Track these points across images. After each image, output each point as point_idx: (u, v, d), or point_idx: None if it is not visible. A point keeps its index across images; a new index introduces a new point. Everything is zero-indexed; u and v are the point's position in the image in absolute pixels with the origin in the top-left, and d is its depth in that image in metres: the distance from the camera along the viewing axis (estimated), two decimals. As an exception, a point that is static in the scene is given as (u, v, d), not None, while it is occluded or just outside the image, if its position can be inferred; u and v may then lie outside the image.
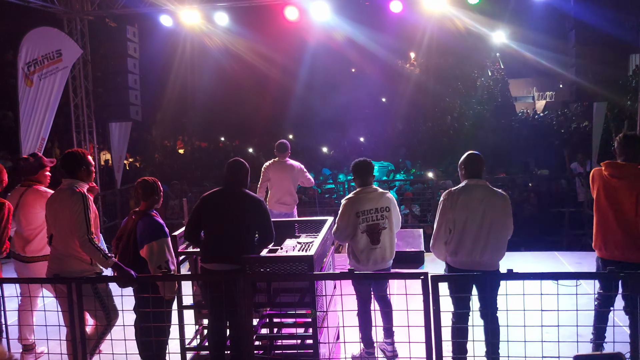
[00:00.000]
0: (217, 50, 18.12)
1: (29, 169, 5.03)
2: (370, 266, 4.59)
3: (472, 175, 4.29)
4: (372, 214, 4.57)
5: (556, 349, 3.52)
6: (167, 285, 4.16)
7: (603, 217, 4.37)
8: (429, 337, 3.48)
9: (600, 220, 4.40)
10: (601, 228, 4.39)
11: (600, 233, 4.39)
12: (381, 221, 4.59)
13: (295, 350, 4.49)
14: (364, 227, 4.55)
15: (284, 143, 7.51)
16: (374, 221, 4.57)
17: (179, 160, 22.12)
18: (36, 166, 5.03)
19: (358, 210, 4.55)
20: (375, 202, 4.60)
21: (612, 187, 4.29)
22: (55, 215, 4.23)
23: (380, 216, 4.59)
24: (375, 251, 4.58)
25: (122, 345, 4.02)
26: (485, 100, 25.92)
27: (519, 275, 3.50)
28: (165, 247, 4.20)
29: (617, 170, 4.30)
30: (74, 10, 10.60)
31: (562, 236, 10.08)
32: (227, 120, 24.67)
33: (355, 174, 4.73)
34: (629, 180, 4.21)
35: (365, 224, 4.55)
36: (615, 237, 4.27)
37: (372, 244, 4.56)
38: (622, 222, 4.23)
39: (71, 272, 4.13)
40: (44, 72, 9.11)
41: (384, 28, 18.81)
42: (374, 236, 4.56)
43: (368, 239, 4.56)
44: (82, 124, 11.04)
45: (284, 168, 7.41)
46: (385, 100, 26.93)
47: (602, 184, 4.38)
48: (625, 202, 4.21)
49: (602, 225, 4.38)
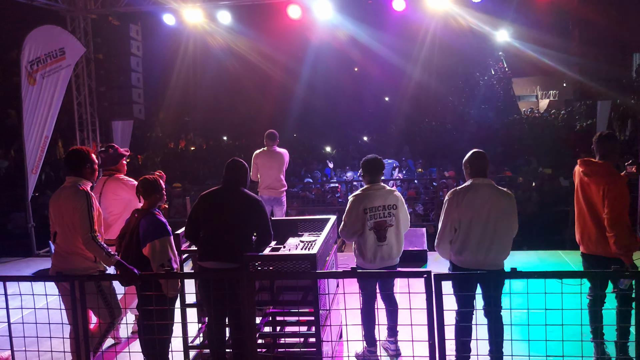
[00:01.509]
0: (220, 48, 18.12)
1: (109, 159, 5.42)
2: (377, 263, 4.59)
3: (477, 174, 4.26)
4: (379, 211, 4.57)
5: (560, 348, 3.51)
6: (169, 284, 4.16)
7: (580, 213, 4.49)
8: (432, 335, 3.47)
9: (578, 215, 4.53)
10: (579, 223, 4.52)
11: (579, 228, 4.51)
12: (388, 218, 4.60)
13: (298, 349, 4.48)
14: (371, 223, 4.55)
15: (272, 132, 8.02)
16: (381, 218, 4.58)
17: (182, 159, 22.14)
18: (115, 156, 5.44)
19: (366, 207, 4.55)
20: (383, 200, 4.60)
21: (586, 183, 4.40)
22: (58, 213, 4.23)
23: (388, 213, 4.60)
24: (382, 248, 4.59)
25: (124, 344, 4.02)
26: (488, 99, 25.88)
27: (523, 274, 3.49)
28: (168, 245, 4.19)
29: (588, 168, 4.41)
30: (77, 9, 10.61)
31: (566, 235, 10.04)
32: (229, 119, 24.69)
33: (365, 170, 4.72)
34: (597, 177, 4.31)
35: (373, 220, 4.55)
36: (590, 231, 4.38)
37: (378, 241, 4.56)
38: (594, 217, 4.33)
39: (75, 270, 4.13)
40: (47, 71, 9.12)
41: (387, 26, 18.79)
42: (380, 233, 4.56)
43: (375, 236, 4.56)
44: (85, 122, 11.05)
45: (272, 156, 7.94)
46: (388, 99, 26.92)
47: (578, 181, 4.51)
48: (594, 197, 4.32)
49: (579, 220, 4.51)
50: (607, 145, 4.41)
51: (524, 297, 3.45)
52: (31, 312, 5.19)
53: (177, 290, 4.29)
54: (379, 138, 22.75)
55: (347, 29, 16.71)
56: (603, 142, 4.44)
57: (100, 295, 4.20)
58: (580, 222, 4.49)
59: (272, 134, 8.00)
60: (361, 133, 23.43)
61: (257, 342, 4.09)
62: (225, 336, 4.39)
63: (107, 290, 4.29)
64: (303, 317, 4.54)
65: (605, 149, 4.41)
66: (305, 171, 16.38)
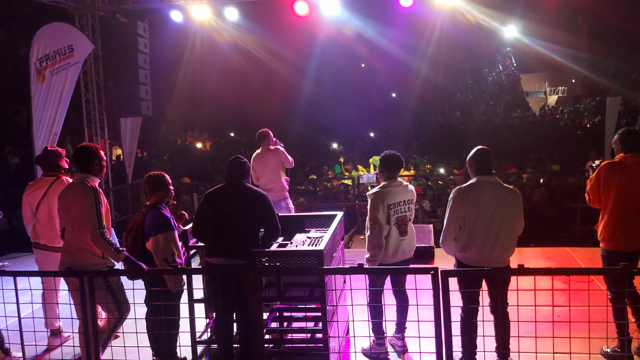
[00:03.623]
0: (227, 45, 18.15)
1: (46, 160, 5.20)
2: (399, 256, 4.63)
3: (482, 172, 4.25)
4: (401, 206, 4.60)
5: (567, 345, 3.50)
6: (174, 279, 4.20)
7: (621, 209, 4.36)
8: (439, 331, 3.48)
9: (618, 212, 4.38)
10: (618, 220, 4.38)
11: (619, 225, 4.38)
12: (408, 213, 4.65)
13: (306, 344, 4.50)
14: (394, 219, 4.57)
15: (260, 132, 7.72)
16: (403, 213, 4.61)
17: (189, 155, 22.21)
18: (52, 158, 5.19)
19: (390, 203, 4.56)
20: (403, 195, 4.64)
21: (632, 177, 4.34)
22: (67, 209, 4.26)
23: (407, 208, 4.65)
24: (403, 242, 4.64)
25: (133, 338, 4.05)
26: (496, 95, 25.76)
27: (530, 270, 3.48)
28: (171, 240, 4.23)
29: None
30: (85, 6, 10.66)
31: (574, 232, 10.00)
32: (236, 116, 24.71)
33: (384, 167, 4.72)
34: None
35: (396, 216, 4.57)
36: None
37: (400, 235, 4.60)
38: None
39: (83, 266, 4.17)
40: (55, 68, 9.16)
41: (394, 22, 18.73)
42: (402, 228, 4.60)
43: (397, 231, 4.58)
44: (93, 119, 11.12)
45: (263, 158, 7.64)
46: (395, 95, 26.85)
47: (619, 176, 4.39)
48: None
49: (619, 216, 4.37)
50: (630, 138, 4.46)
51: (531, 294, 3.44)
52: (41, 307, 5.27)
53: (182, 286, 4.32)
54: (386, 134, 22.69)
55: (354, 25, 16.72)
56: (631, 136, 4.47)
57: (108, 290, 4.24)
58: (620, 218, 4.38)
59: (259, 134, 7.71)
60: (368, 129, 23.39)
61: (265, 337, 4.11)
62: (233, 332, 4.42)
63: (115, 286, 4.32)
64: (310, 313, 4.56)
65: (632, 144, 4.43)
66: (310, 167, 16.34)
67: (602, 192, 4.47)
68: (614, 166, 4.46)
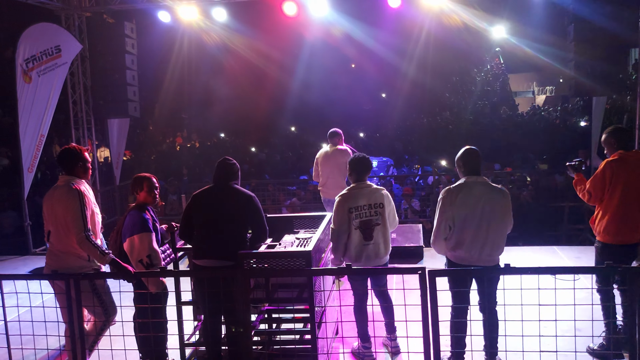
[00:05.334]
0: (215, 46, 18.11)
1: None
2: (362, 262, 4.56)
3: (470, 172, 4.27)
4: (365, 210, 4.55)
5: (554, 343, 3.53)
6: (151, 280, 4.18)
7: (622, 202, 4.42)
8: (427, 331, 3.49)
9: (618, 206, 4.44)
10: (618, 214, 4.44)
11: (620, 218, 4.43)
12: (374, 217, 4.57)
13: (294, 346, 4.49)
14: (357, 223, 4.53)
15: (333, 131, 7.67)
16: (367, 217, 4.55)
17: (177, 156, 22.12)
18: None
19: (351, 207, 4.53)
20: (368, 198, 4.57)
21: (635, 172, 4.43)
22: (52, 212, 4.22)
23: (374, 212, 4.57)
24: (368, 247, 4.56)
25: (120, 341, 4.03)
26: (484, 95, 25.90)
27: (517, 269, 3.51)
28: (147, 242, 4.21)
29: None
30: (71, 7, 10.57)
31: (562, 231, 10.08)
32: (225, 116, 24.64)
33: (352, 169, 4.71)
34: None
35: (359, 220, 4.53)
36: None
37: (364, 240, 4.54)
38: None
39: (69, 269, 4.13)
40: (42, 69, 9.07)
41: (382, 23, 18.79)
42: (367, 232, 4.53)
43: (361, 235, 4.54)
44: (80, 121, 11.02)
45: (332, 156, 7.54)
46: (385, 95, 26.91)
47: (625, 171, 4.44)
48: None
49: (619, 210, 4.43)
50: (624, 135, 4.58)
51: (518, 293, 3.47)
52: (27, 310, 5.20)
53: (160, 287, 4.28)
54: (375, 134, 22.74)
55: (343, 26, 16.72)
56: (624, 133, 4.60)
57: (94, 293, 4.20)
58: (620, 212, 4.42)
59: (332, 132, 7.66)
60: (357, 130, 23.43)
61: (253, 339, 4.10)
62: (221, 334, 4.40)
63: (101, 289, 4.29)
64: (298, 315, 4.55)
65: (626, 140, 4.54)
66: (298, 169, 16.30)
67: (608, 189, 4.50)
68: (619, 163, 4.48)
